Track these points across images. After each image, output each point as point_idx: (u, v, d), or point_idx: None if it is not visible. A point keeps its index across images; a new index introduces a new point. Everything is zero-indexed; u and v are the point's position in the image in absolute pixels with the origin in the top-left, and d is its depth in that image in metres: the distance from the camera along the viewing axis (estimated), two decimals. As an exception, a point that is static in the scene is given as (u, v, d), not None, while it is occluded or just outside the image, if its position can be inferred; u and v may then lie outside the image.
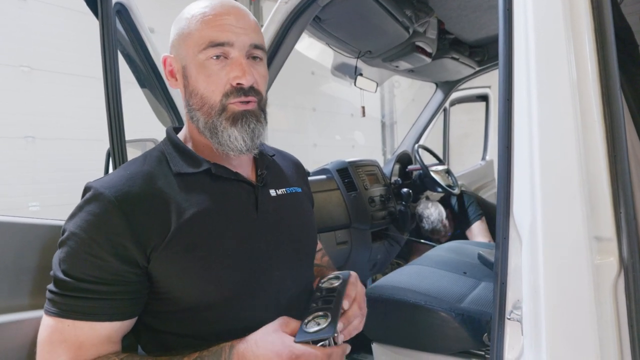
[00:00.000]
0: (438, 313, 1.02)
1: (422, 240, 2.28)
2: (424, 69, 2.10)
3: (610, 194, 0.66)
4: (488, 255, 1.44)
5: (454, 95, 2.86)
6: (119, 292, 0.59)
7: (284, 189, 0.78)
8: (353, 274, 0.74)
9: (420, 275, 1.28)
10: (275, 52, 1.31)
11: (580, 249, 0.65)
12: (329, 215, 1.74)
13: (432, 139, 2.82)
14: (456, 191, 2.18)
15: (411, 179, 2.25)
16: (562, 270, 0.67)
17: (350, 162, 1.90)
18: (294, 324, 0.63)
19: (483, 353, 1.00)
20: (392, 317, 1.10)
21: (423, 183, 2.17)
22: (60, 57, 3.59)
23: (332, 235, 1.74)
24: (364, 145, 7.41)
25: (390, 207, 1.99)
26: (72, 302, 0.57)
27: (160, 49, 1.16)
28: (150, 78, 1.12)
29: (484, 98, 3.24)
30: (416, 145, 2.22)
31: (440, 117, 2.82)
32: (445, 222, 2.28)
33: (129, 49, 1.09)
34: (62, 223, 0.79)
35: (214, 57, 0.64)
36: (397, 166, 2.32)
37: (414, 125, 2.67)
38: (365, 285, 2.06)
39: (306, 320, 0.63)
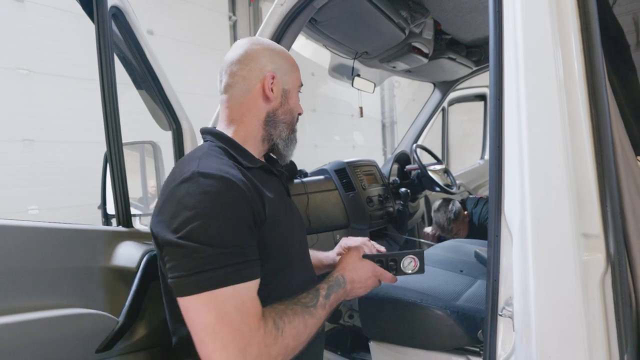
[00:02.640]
0: (434, 311, 1.03)
1: (421, 240, 2.29)
2: (421, 69, 2.11)
3: (597, 191, 0.68)
4: (485, 253, 1.45)
5: (453, 95, 2.87)
6: (253, 255, 0.72)
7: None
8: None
9: (419, 275, 1.29)
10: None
11: (569, 245, 0.67)
12: (327, 215, 1.76)
13: (431, 139, 2.84)
14: (454, 190, 2.19)
15: (409, 178, 2.26)
16: (551, 266, 0.68)
17: (348, 163, 1.92)
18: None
19: (478, 349, 1.01)
20: (389, 315, 1.11)
21: (421, 183, 2.18)
22: (58, 59, 3.62)
23: (331, 235, 1.76)
24: (364, 145, 7.42)
25: (389, 207, 2.01)
26: (231, 270, 0.67)
27: (158, 50, 1.18)
28: (147, 80, 1.13)
29: (482, 97, 3.25)
30: (414, 145, 2.23)
31: (438, 117, 2.83)
32: (460, 221, 2.26)
33: (125, 51, 1.11)
34: (61, 226, 0.80)
35: (299, 92, 0.93)
36: (395, 166, 2.34)
37: (412, 125, 2.68)
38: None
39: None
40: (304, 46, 2.04)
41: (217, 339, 0.64)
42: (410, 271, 0.92)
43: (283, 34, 1.33)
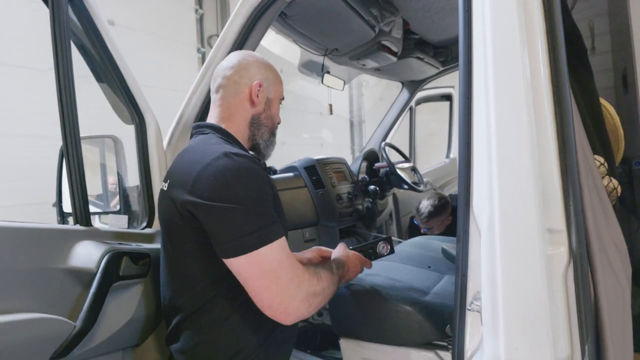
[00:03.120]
0: (403, 307, 1.04)
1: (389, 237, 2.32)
2: (390, 68, 2.14)
3: (560, 188, 0.70)
4: (451, 249, 1.48)
5: (420, 94, 2.93)
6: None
7: None
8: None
9: (386, 270, 1.30)
10: (240, 47, 1.29)
11: (535, 240, 0.69)
12: (296, 213, 1.74)
13: (399, 137, 2.88)
14: (421, 188, 2.24)
15: (378, 176, 2.28)
16: (517, 261, 0.70)
17: (317, 160, 1.91)
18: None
19: (446, 344, 1.02)
20: (359, 312, 1.11)
21: (389, 180, 2.20)
22: (7, 47, 3.38)
23: (300, 233, 1.75)
24: (332, 143, 7.45)
25: (358, 205, 2.02)
26: (277, 226, 0.83)
27: (120, 42, 1.11)
28: (108, 71, 1.07)
29: (447, 97, 3.34)
30: (383, 143, 2.25)
31: (406, 116, 2.88)
32: (438, 219, 2.26)
33: (83, 39, 1.04)
34: (13, 224, 0.75)
35: (280, 104, 1.09)
36: (364, 164, 2.35)
37: (380, 123, 2.71)
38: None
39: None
40: (274, 42, 2.01)
41: (280, 280, 0.80)
42: (385, 253, 1.19)
43: (252, 27, 1.30)
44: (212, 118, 1.00)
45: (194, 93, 1.29)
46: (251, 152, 1.03)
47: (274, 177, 1.75)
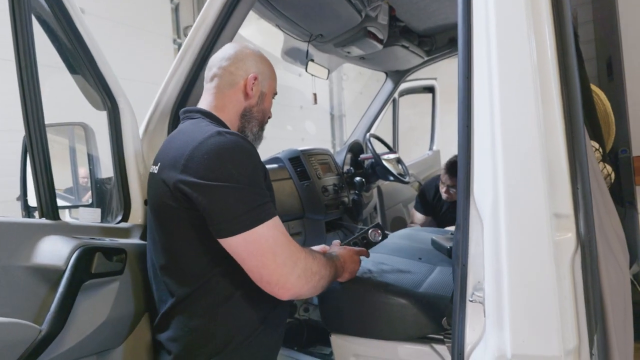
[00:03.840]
0: (396, 299, 1.00)
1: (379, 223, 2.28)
2: (375, 57, 2.09)
3: (568, 171, 0.66)
4: (441, 240, 1.45)
5: (402, 86, 2.90)
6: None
7: None
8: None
9: (376, 263, 1.26)
10: (220, 31, 1.22)
11: (542, 226, 0.65)
12: (281, 205, 1.68)
13: (381, 130, 2.84)
14: (407, 179, 2.21)
15: (363, 168, 2.24)
16: (523, 248, 0.66)
17: (302, 151, 1.85)
18: None
19: (442, 337, 0.99)
20: (350, 307, 1.06)
21: (375, 172, 2.16)
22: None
23: (285, 226, 1.68)
24: (314, 137, 7.38)
25: (344, 197, 1.97)
26: (271, 205, 0.83)
27: (93, 31, 1.02)
28: (76, 52, 0.98)
29: (430, 89, 3.33)
30: (368, 134, 2.21)
31: (389, 107, 2.85)
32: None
33: (48, 18, 0.94)
34: None
35: (272, 99, 1.09)
36: (349, 155, 2.30)
37: (364, 114, 2.67)
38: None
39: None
40: (256, 32, 1.93)
41: (277, 257, 0.80)
42: (379, 239, 1.29)
43: (232, 9, 1.22)
44: (203, 105, 1.00)
45: (171, 78, 1.21)
46: None
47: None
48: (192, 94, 1.24)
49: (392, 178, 2.12)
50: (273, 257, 0.80)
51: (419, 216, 2.53)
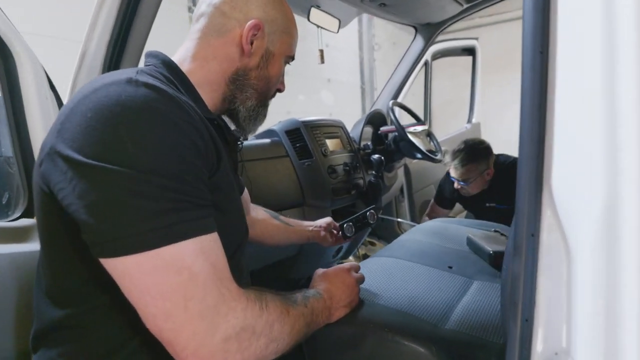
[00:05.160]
0: (411, 347, 0.64)
1: (399, 220, 1.90)
2: (399, 4, 1.66)
3: None
4: (480, 241, 1.06)
5: (437, 47, 2.43)
6: (208, 200, 0.56)
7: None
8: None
9: (388, 276, 0.90)
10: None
11: None
12: (274, 190, 1.33)
13: (411, 101, 2.40)
14: (439, 157, 1.79)
15: (384, 143, 1.85)
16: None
17: (304, 122, 1.48)
18: None
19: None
20: (344, 353, 0.71)
21: (399, 148, 1.76)
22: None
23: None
24: (342, 112, 6.96)
25: (357, 179, 1.59)
26: (196, 216, 0.51)
27: None
28: None
29: (470, 51, 2.82)
30: (391, 102, 1.80)
31: (420, 74, 2.40)
32: (474, 167, 1.80)
33: None
34: None
35: (285, 65, 0.76)
36: (367, 129, 1.91)
37: (389, 80, 2.24)
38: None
39: None
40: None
41: (191, 303, 0.47)
42: (372, 222, 1.15)
43: None
44: (178, 53, 0.70)
45: (95, 19, 0.87)
46: (224, 120, 0.75)
47: (246, 143, 1.34)
48: (132, 39, 0.91)
49: (419, 155, 1.72)
50: (183, 301, 0.47)
51: (440, 211, 2.13)
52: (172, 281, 0.47)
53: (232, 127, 0.78)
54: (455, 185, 1.88)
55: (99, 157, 0.46)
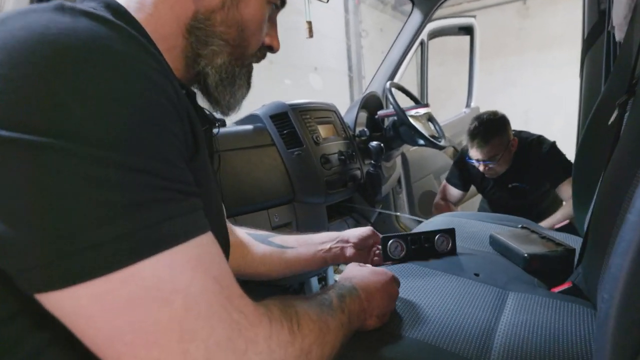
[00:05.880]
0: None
1: (399, 213, 1.72)
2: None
3: None
4: (509, 239, 0.88)
5: (433, 25, 2.24)
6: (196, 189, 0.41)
7: None
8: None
9: (405, 288, 0.71)
10: None
11: None
12: (258, 184, 1.13)
13: (406, 82, 2.21)
14: (442, 143, 1.61)
15: (382, 129, 1.66)
16: None
17: (292, 105, 1.28)
18: None
19: None
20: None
21: (399, 134, 1.58)
22: None
23: (265, 215, 1.14)
24: (330, 102, 6.75)
25: (354, 169, 1.41)
26: (186, 210, 0.34)
27: None
28: None
29: (468, 30, 2.64)
30: (388, 83, 1.60)
31: (415, 55, 2.20)
32: (498, 140, 1.59)
33: None
34: None
35: (272, 7, 0.55)
36: (362, 113, 1.72)
37: (384, 60, 2.05)
38: (326, 280, 1.49)
39: None
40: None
41: (194, 349, 0.31)
42: (446, 249, 0.84)
43: None
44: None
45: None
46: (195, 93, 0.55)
47: (223, 130, 1.13)
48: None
49: (422, 142, 1.53)
50: (179, 346, 0.31)
51: (454, 193, 1.91)
52: (158, 316, 0.30)
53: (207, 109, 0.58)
54: (481, 168, 1.65)
55: (24, 126, 0.28)
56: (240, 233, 0.76)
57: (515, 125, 1.68)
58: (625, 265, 0.33)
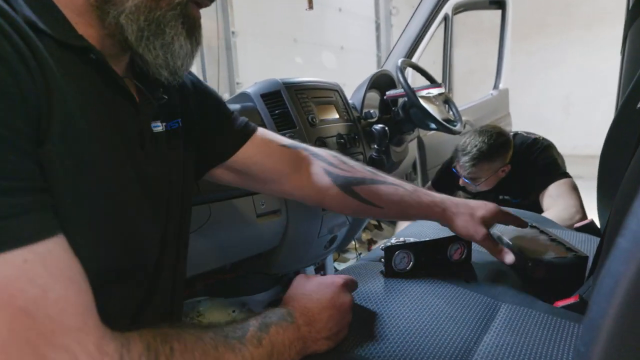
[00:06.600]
0: None
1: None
2: None
3: None
4: (512, 240, 0.76)
5: (459, -2, 2.06)
6: (41, 184, 0.35)
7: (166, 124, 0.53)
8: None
9: (384, 294, 0.62)
10: None
11: None
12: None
13: (430, 70, 2.05)
14: (458, 128, 1.47)
15: (392, 110, 1.53)
16: None
17: (285, 83, 1.18)
18: None
19: None
20: None
21: (409, 116, 1.45)
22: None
23: (250, 201, 1.07)
24: (357, 84, 6.56)
25: (356, 153, 1.30)
26: (18, 210, 0.29)
27: None
28: None
29: (500, 4, 2.42)
30: (400, 61, 1.47)
31: (439, 31, 2.03)
32: (489, 165, 1.50)
33: None
34: None
35: None
36: (371, 94, 1.60)
37: (401, 35, 1.89)
38: (324, 269, 1.42)
39: None
40: None
41: None
42: (461, 257, 0.74)
43: None
44: None
45: None
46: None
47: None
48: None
49: (433, 125, 1.40)
50: None
51: None
52: None
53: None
54: (460, 182, 1.55)
55: None
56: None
57: (555, 110, 1.52)
58: (611, 312, 0.22)
